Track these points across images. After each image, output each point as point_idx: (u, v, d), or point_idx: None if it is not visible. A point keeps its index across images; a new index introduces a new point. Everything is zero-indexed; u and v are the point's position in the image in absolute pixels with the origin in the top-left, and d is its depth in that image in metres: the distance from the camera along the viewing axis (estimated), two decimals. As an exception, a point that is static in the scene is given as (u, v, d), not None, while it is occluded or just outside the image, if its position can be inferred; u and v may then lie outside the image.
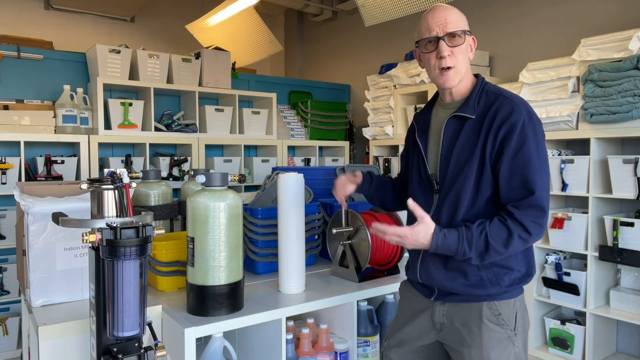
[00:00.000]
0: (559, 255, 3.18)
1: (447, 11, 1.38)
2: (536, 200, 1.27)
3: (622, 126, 2.79)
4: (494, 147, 1.31)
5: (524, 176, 1.28)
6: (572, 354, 3.04)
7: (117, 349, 1.17)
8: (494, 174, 1.32)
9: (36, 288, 1.56)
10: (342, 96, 5.37)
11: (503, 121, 1.30)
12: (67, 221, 1.22)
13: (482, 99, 1.37)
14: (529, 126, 1.29)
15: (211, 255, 1.50)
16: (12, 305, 3.35)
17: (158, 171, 2.30)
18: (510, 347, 1.36)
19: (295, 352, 1.77)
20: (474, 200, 1.34)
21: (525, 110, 1.31)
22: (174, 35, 5.62)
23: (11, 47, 3.48)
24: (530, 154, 1.28)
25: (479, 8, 4.07)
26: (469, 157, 1.34)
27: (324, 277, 2.01)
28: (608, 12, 3.28)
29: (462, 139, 1.36)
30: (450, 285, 1.38)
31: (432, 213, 1.41)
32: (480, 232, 1.28)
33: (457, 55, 1.37)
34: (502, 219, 1.29)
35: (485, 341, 1.34)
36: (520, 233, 1.27)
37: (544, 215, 1.28)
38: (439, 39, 1.36)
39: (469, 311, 1.38)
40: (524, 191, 1.28)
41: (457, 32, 1.36)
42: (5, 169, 3.16)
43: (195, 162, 3.89)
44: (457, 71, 1.38)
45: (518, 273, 1.38)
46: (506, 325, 1.36)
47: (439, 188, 1.41)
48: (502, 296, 1.37)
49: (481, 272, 1.35)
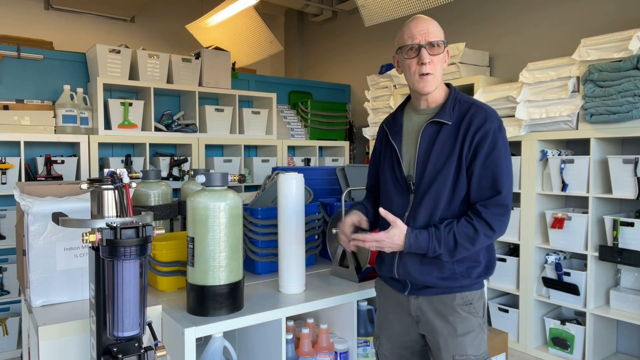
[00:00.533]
0: (559, 255, 3.19)
1: (429, 22, 1.49)
2: (502, 200, 1.40)
3: (622, 126, 2.79)
4: (469, 151, 1.43)
5: (493, 177, 1.41)
6: (572, 354, 3.04)
7: (117, 349, 1.17)
8: (467, 175, 1.44)
9: (36, 288, 1.56)
10: (342, 96, 5.37)
11: (478, 128, 1.43)
12: (67, 221, 1.22)
13: (456, 107, 1.49)
14: (499, 134, 1.44)
15: (211, 255, 1.50)
16: (12, 305, 3.35)
17: (158, 171, 2.30)
18: (482, 333, 1.49)
19: (295, 352, 1.77)
20: (450, 200, 1.45)
21: (496, 120, 1.45)
22: (174, 35, 5.62)
23: (11, 47, 3.48)
24: (499, 158, 1.42)
25: (479, 8, 4.07)
26: (447, 160, 1.45)
27: (324, 277, 2.01)
28: (608, 12, 3.28)
29: (439, 143, 1.47)
30: (425, 279, 1.47)
31: (408, 212, 1.50)
32: (449, 231, 1.41)
33: (435, 63, 1.48)
34: (469, 218, 1.41)
35: (460, 329, 1.46)
36: (486, 231, 1.40)
37: (507, 213, 1.42)
38: (420, 46, 1.46)
39: (443, 302, 1.48)
40: (492, 191, 1.41)
41: (437, 42, 1.47)
42: (5, 169, 3.16)
43: (195, 162, 3.89)
44: (435, 78, 1.49)
45: (484, 267, 1.50)
46: (477, 314, 1.49)
47: (415, 189, 1.49)
48: (472, 287, 1.49)
49: (454, 266, 1.46)
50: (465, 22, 4.18)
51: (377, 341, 1.66)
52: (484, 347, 1.49)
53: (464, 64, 3.69)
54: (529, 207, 3.24)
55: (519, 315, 3.30)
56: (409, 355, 1.60)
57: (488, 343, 1.54)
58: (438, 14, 4.18)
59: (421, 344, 1.58)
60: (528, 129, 3.23)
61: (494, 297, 3.56)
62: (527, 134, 3.23)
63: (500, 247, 3.61)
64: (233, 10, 4.44)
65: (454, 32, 4.22)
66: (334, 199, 2.40)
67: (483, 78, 3.57)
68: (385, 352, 1.62)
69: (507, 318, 3.37)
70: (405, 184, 1.51)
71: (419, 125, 1.52)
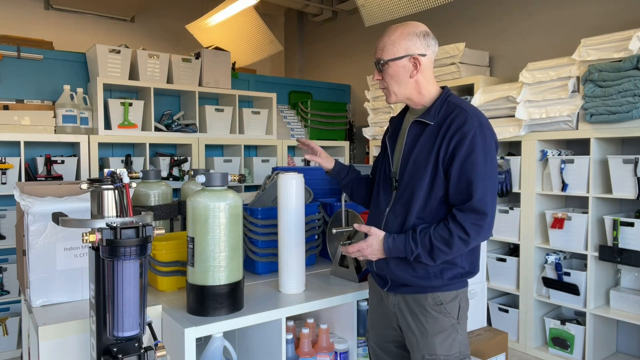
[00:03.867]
0: (559, 255, 3.19)
1: (385, 36, 1.52)
2: (475, 204, 1.39)
3: (622, 126, 2.79)
4: (447, 153, 1.44)
5: (468, 181, 1.41)
6: (572, 354, 3.04)
7: (117, 349, 1.17)
8: (446, 177, 1.45)
9: (36, 288, 1.56)
10: (342, 96, 5.37)
11: (456, 130, 1.43)
12: (67, 221, 1.22)
13: (443, 109, 1.51)
14: (479, 137, 1.42)
15: (211, 255, 1.50)
16: (12, 305, 3.35)
17: (158, 171, 2.30)
18: (454, 334, 1.50)
19: (295, 352, 1.77)
20: (427, 199, 1.47)
21: (477, 122, 1.43)
22: (174, 35, 5.62)
23: (11, 47, 3.48)
24: (477, 161, 1.41)
25: (479, 8, 4.07)
26: (425, 160, 1.47)
27: (324, 277, 2.01)
28: (608, 12, 3.28)
29: (421, 143, 1.50)
30: (401, 275, 1.51)
31: (389, 207, 1.55)
32: (425, 233, 1.44)
33: (386, 79, 1.53)
34: (446, 222, 1.43)
35: (430, 328, 1.49)
36: (460, 234, 1.40)
37: (484, 218, 1.39)
38: (376, 63, 1.54)
39: (416, 301, 1.52)
40: (466, 195, 1.41)
41: (381, 60, 1.51)
42: (5, 169, 3.16)
43: (195, 162, 3.89)
44: (390, 92, 1.54)
45: (462, 269, 1.51)
46: (449, 314, 1.50)
47: (397, 185, 1.54)
48: (443, 288, 1.50)
49: (428, 266, 1.48)
50: (465, 22, 4.17)
51: (367, 334, 1.72)
52: (457, 348, 1.50)
53: (463, 64, 3.69)
54: (529, 207, 3.24)
55: (519, 315, 3.30)
56: (394, 348, 1.64)
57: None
58: (438, 14, 4.18)
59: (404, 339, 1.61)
60: (528, 129, 3.23)
61: (494, 297, 3.56)
62: (527, 134, 3.23)
63: (500, 247, 3.61)
64: (233, 10, 4.44)
65: (453, 32, 4.22)
66: (334, 199, 2.40)
67: (483, 78, 3.57)
68: (373, 345, 1.68)
69: (507, 318, 3.37)
70: (390, 181, 1.57)
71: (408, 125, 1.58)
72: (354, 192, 1.82)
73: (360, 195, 1.81)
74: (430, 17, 3.86)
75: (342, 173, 1.83)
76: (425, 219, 1.48)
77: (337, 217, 1.98)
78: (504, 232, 3.39)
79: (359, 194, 1.81)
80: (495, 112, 3.37)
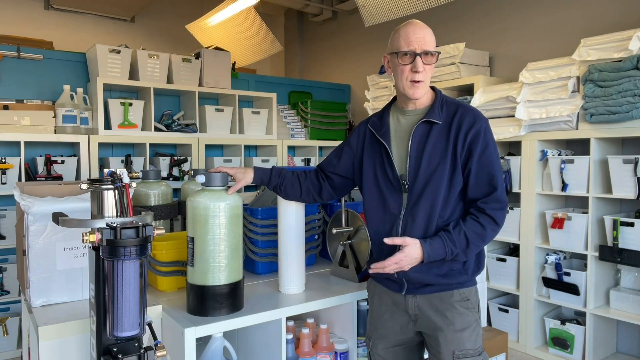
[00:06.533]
0: (559, 255, 3.19)
1: (426, 30, 1.52)
2: (499, 195, 1.47)
3: (622, 126, 2.79)
4: (463, 149, 1.48)
5: (489, 174, 1.47)
6: (572, 354, 3.04)
7: (117, 349, 1.17)
8: (463, 173, 1.49)
9: (36, 288, 1.56)
10: (342, 96, 5.37)
11: (469, 127, 1.48)
12: (67, 221, 1.22)
13: (444, 108, 1.54)
14: (489, 132, 1.51)
15: (211, 255, 1.50)
16: (12, 305, 3.35)
17: (158, 171, 2.30)
18: (478, 328, 1.54)
19: (295, 352, 1.77)
20: (447, 197, 1.49)
21: (484, 119, 1.52)
22: (174, 35, 5.62)
23: (11, 47, 3.48)
24: (492, 155, 1.49)
25: (479, 8, 4.07)
26: (441, 159, 1.49)
27: (324, 277, 2.01)
28: (608, 12, 3.28)
29: (431, 143, 1.51)
30: (424, 278, 1.50)
31: (404, 211, 1.52)
32: (459, 232, 1.45)
33: (427, 72, 1.53)
34: (474, 217, 1.47)
35: (458, 324, 1.50)
36: (492, 226, 1.46)
37: (505, 206, 1.50)
38: (416, 54, 1.49)
39: (441, 299, 1.52)
40: (489, 187, 1.47)
41: (432, 52, 1.51)
42: (5, 169, 3.16)
43: (195, 162, 3.89)
44: (425, 85, 1.54)
45: (475, 261, 1.56)
46: (473, 309, 1.54)
47: (409, 188, 1.52)
48: (468, 284, 1.55)
49: (452, 263, 1.50)
50: (465, 22, 4.17)
51: (369, 342, 1.67)
52: (480, 342, 1.54)
53: (463, 64, 3.68)
54: (529, 207, 3.24)
55: (519, 315, 3.30)
56: (401, 351, 1.63)
57: (488, 343, 1.55)
58: (438, 14, 4.18)
59: (416, 342, 1.62)
60: (528, 129, 3.23)
61: (494, 297, 3.56)
62: (527, 134, 3.23)
63: (500, 247, 3.61)
64: (233, 10, 4.44)
65: (453, 32, 4.22)
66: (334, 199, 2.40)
67: (483, 78, 3.57)
68: (379, 351, 1.64)
69: (507, 318, 3.37)
70: (398, 183, 1.54)
71: (408, 126, 1.56)
72: (288, 193, 1.73)
73: (296, 194, 1.73)
74: (430, 17, 3.85)
75: (264, 179, 1.73)
76: (444, 217, 1.49)
77: (337, 217, 1.98)
78: (504, 232, 3.39)
79: (294, 193, 1.73)
80: (495, 112, 3.37)
